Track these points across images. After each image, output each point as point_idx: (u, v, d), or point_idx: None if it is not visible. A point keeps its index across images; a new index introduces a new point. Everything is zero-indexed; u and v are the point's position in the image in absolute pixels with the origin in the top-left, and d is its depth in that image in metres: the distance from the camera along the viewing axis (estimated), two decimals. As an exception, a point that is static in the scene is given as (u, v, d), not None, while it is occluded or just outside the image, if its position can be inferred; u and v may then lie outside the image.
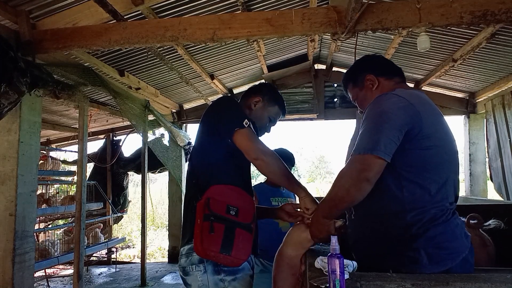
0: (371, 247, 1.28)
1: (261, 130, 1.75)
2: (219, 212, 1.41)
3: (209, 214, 1.39)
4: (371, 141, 1.17)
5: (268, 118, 1.75)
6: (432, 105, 1.30)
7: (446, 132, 1.27)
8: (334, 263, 0.92)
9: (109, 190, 6.37)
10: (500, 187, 4.49)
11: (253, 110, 1.72)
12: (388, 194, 1.22)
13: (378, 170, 1.17)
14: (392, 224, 1.22)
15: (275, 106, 1.76)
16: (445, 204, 1.21)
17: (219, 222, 1.39)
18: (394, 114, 1.19)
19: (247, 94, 1.79)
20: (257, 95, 1.74)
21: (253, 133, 1.50)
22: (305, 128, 50.80)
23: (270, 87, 1.86)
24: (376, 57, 1.55)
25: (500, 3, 2.22)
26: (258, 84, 1.86)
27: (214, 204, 1.42)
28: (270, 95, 1.76)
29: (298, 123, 6.38)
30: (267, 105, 1.74)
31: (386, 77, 1.43)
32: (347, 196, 1.21)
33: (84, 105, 3.62)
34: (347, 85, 1.56)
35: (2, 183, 2.66)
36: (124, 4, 2.76)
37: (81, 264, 3.62)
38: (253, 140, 1.47)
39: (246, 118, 1.50)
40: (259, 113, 1.73)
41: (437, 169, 1.21)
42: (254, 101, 1.73)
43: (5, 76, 2.27)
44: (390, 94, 1.29)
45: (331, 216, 1.32)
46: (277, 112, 1.78)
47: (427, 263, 1.15)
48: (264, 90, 1.78)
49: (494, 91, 4.58)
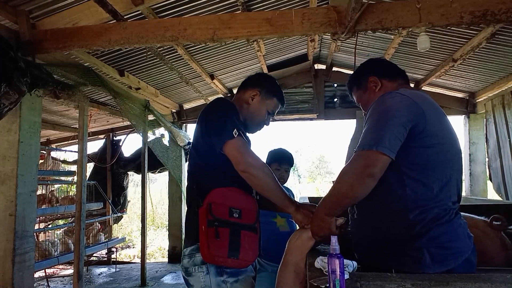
0: (373, 247, 1.28)
1: (259, 124, 1.70)
2: (222, 216, 1.39)
3: (213, 219, 1.37)
4: (375, 137, 1.17)
5: (266, 111, 1.67)
6: (435, 105, 1.30)
7: (449, 131, 1.27)
8: (334, 263, 0.92)
9: (109, 190, 6.37)
10: (499, 187, 4.49)
11: (250, 104, 1.65)
12: (391, 193, 1.22)
13: (383, 166, 1.16)
14: (394, 223, 1.22)
15: (273, 98, 1.68)
16: (448, 204, 1.21)
17: (224, 226, 1.38)
18: (398, 111, 1.19)
19: (243, 86, 1.71)
20: (254, 88, 1.66)
21: (243, 144, 1.43)
22: (305, 128, 50.78)
23: (268, 78, 1.76)
24: (379, 59, 1.56)
25: (500, 3, 2.22)
26: (255, 75, 1.75)
27: (216, 208, 1.40)
28: (268, 87, 1.68)
29: (298, 123, 6.38)
30: (265, 98, 1.66)
31: (389, 79, 1.44)
32: (350, 192, 1.20)
33: (84, 105, 3.62)
34: (352, 88, 1.57)
35: (2, 183, 2.66)
36: (124, 4, 2.76)
37: (81, 264, 3.62)
38: (242, 151, 1.41)
39: (235, 127, 1.42)
40: (257, 107, 1.65)
41: (441, 167, 1.21)
42: (251, 95, 1.65)
43: (5, 76, 2.27)
44: (393, 92, 1.29)
45: (333, 214, 1.31)
46: (275, 104, 1.70)
47: (430, 262, 1.15)
48: (262, 83, 1.69)
49: (494, 91, 4.58)
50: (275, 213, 2.50)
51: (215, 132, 1.45)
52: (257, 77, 1.73)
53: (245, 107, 1.64)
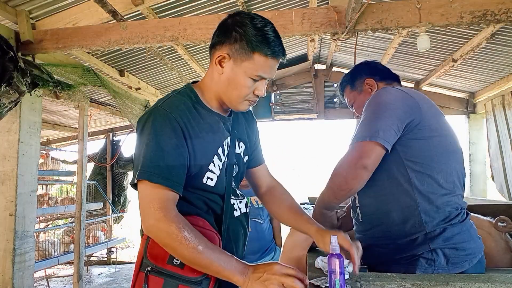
0: (383, 251, 1.24)
1: (245, 99, 1.09)
2: (159, 262, 1.00)
3: (146, 263, 1.01)
4: (369, 128, 1.17)
5: (249, 79, 1.04)
6: (432, 103, 1.30)
7: (447, 129, 1.27)
8: (334, 263, 0.92)
9: (109, 190, 6.37)
10: (502, 187, 4.49)
11: (222, 74, 1.07)
12: (397, 188, 1.20)
13: (376, 157, 1.15)
14: (404, 222, 1.18)
15: (253, 55, 1.02)
16: (458, 202, 1.19)
17: (157, 275, 0.99)
18: (393, 104, 1.20)
19: (211, 45, 1.10)
20: (221, 46, 1.05)
21: (150, 191, 0.97)
22: (305, 128, 50.72)
23: (239, 23, 1.04)
24: (374, 63, 1.55)
25: (500, 3, 2.22)
26: (222, 21, 1.09)
27: (153, 249, 1.01)
28: (242, 39, 1.01)
29: (298, 123, 6.38)
30: (239, 60, 1.03)
31: (385, 82, 1.44)
32: (344, 184, 1.19)
33: (84, 105, 3.62)
34: (344, 88, 1.55)
35: (2, 183, 2.66)
36: (124, 4, 2.77)
37: (81, 264, 3.63)
38: (145, 204, 0.97)
39: (143, 176, 0.96)
40: (232, 76, 1.05)
41: (443, 158, 1.20)
42: (218, 59, 1.06)
43: (5, 76, 2.27)
44: (389, 88, 1.31)
45: (331, 207, 1.30)
46: (262, 63, 1.03)
47: (445, 264, 1.13)
48: (230, 33, 1.03)
49: (494, 91, 4.58)
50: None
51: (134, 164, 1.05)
52: (226, 25, 1.07)
53: (216, 79, 1.08)
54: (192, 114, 1.06)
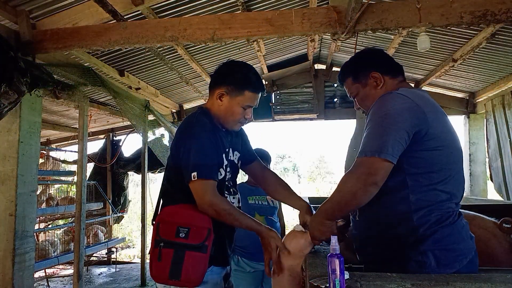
0: (376, 249, 1.26)
1: (239, 123, 1.56)
2: (168, 237, 1.38)
3: (159, 240, 1.39)
4: (377, 143, 1.14)
5: (241, 108, 1.51)
6: (436, 105, 1.28)
7: (451, 132, 1.26)
8: (334, 263, 0.92)
9: (109, 190, 6.37)
10: (500, 187, 4.49)
11: (221, 105, 1.52)
12: (394, 194, 1.21)
13: (385, 173, 1.14)
14: (398, 225, 1.20)
15: (244, 92, 1.49)
16: (451, 206, 1.20)
17: (168, 247, 1.37)
18: (401, 116, 1.17)
19: (211, 84, 1.57)
20: (220, 86, 1.51)
21: (201, 186, 1.39)
22: (305, 128, 50.73)
23: (232, 70, 1.54)
24: (379, 52, 1.46)
25: (500, 3, 2.22)
26: (219, 69, 1.56)
27: (163, 228, 1.40)
28: (234, 81, 1.49)
29: (298, 123, 6.38)
30: (234, 95, 1.50)
31: (391, 76, 1.37)
32: (353, 200, 1.18)
33: (84, 105, 3.62)
34: (346, 78, 1.46)
35: (2, 183, 2.66)
36: (124, 4, 2.76)
37: (81, 264, 3.63)
38: (200, 195, 1.39)
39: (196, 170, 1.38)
40: (228, 107, 1.51)
41: (444, 169, 1.19)
42: (218, 96, 1.51)
43: (5, 76, 2.26)
44: (394, 93, 1.25)
45: (335, 219, 1.30)
46: (250, 97, 1.50)
47: (435, 266, 1.13)
48: (226, 78, 1.51)
49: (494, 91, 4.58)
50: (253, 211, 2.65)
51: (183, 165, 1.43)
52: (221, 72, 1.55)
53: (216, 108, 1.53)
54: (214, 128, 1.51)
